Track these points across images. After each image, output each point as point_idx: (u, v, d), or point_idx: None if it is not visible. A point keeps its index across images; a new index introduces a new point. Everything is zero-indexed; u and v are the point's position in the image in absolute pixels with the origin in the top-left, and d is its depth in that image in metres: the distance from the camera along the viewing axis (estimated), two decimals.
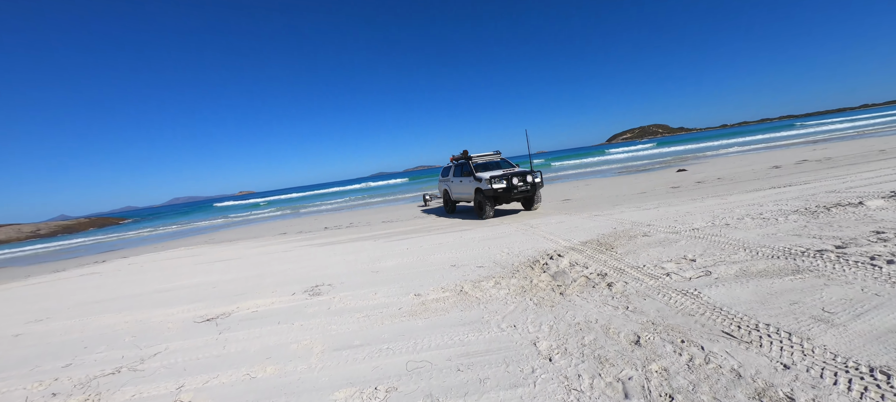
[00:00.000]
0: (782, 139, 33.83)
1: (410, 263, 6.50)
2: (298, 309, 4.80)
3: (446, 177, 13.36)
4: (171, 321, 5.04)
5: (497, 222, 9.94)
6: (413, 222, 12.63)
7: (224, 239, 15.58)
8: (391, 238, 9.57)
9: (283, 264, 7.92)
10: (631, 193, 12.00)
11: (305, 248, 9.91)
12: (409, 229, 10.79)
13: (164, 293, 6.76)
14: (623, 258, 5.06)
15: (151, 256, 13.09)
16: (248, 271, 7.72)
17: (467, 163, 11.82)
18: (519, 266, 5.40)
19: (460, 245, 7.41)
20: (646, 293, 3.80)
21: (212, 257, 10.77)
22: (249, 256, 9.89)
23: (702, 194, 9.67)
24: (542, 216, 9.75)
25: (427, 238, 8.79)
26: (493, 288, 4.61)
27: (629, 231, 6.59)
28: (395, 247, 8.18)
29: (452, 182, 12.69)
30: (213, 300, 5.77)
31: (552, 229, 7.84)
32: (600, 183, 17.48)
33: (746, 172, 13.51)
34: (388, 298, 4.77)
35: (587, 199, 12.25)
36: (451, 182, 12.84)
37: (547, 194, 15.40)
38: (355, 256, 7.81)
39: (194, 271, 8.76)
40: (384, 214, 17.15)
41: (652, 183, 14.24)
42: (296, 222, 19.63)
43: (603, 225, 7.45)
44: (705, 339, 2.81)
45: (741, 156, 21.83)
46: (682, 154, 33.10)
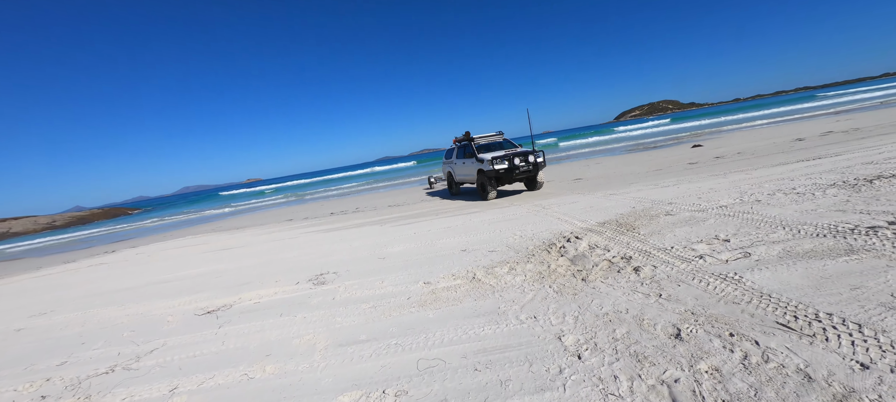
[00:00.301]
0: (800, 112, 32.55)
1: (418, 248, 6.19)
2: (302, 300, 4.54)
3: (450, 159, 13.31)
4: (172, 314, 4.82)
5: (506, 203, 9.56)
6: (420, 205, 12.30)
7: (231, 227, 15.47)
8: (398, 223, 9.27)
9: (288, 252, 7.68)
10: (646, 171, 11.48)
11: (311, 234, 9.67)
12: (415, 213, 10.47)
13: (167, 284, 6.57)
14: (647, 239, 4.68)
15: (160, 245, 13.02)
16: (253, 260, 7.50)
17: (470, 144, 11.71)
18: (534, 250, 5.05)
19: (470, 229, 7.07)
20: (679, 278, 3.43)
21: (218, 245, 10.60)
22: (255, 244, 9.69)
23: (723, 170, 9.15)
24: (554, 197, 9.34)
25: (435, 222, 8.47)
26: (508, 274, 4.28)
27: (650, 210, 6.17)
28: (402, 232, 7.88)
29: (456, 164, 12.62)
30: (216, 291, 5.55)
31: (566, 209, 7.45)
32: (611, 161, 16.91)
33: (767, 145, 12.85)
34: (396, 286, 4.47)
35: (599, 178, 11.77)
36: (454, 164, 12.78)
37: (557, 174, 14.92)
38: (361, 242, 7.53)
39: (200, 260, 8.58)
40: (390, 198, 16.85)
41: (667, 160, 13.66)
42: (302, 208, 19.46)
43: (620, 204, 7.03)
44: (758, 331, 2.45)
45: (759, 129, 20.96)
46: (695, 130, 32.07)
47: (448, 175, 13.60)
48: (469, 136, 12.07)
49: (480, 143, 11.90)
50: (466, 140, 12.08)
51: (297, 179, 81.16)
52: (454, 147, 13.01)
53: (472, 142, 11.80)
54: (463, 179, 12.37)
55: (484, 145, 11.81)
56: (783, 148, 11.43)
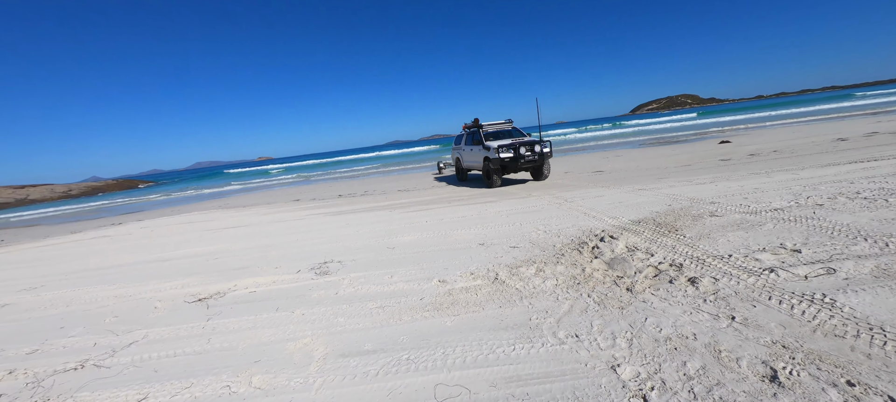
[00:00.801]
0: (832, 111, 30.92)
1: (431, 239, 5.65)
2: (302, 292, 4.05)
3: (459, 145, 13.18)
4: (161, 299, 4.38)
5: (523, 193, 8.94)
6: (430, 191, 11.74)
7: (238, 205, 15.14)
8: (408, 209, 8.73)
9: (292, 235, 7.22)
10: (674, 166, 10.71)
11: (317, 217, 9.20)
12: (426, 200, 9.92)
13: (164, 263, 6.17)
14: (696, 244, 4.06)
15: (165, 220, 12.72)
16: (254, 241, 7.06)
17: (478, 131, 11.57)
18: (563, 249, 4.47)
19: (486, 220, 6.50)
20: (751, 296, 2.83)
21: (222, 223, 10.22)
22: (259, 223, 9.27)
23: (763, 168, 8.37)
24: (575, 189, 8.68)
25: (447, 210, 7.90)
26: (536, 276, 3.72)
27: (690, 210, 5.51)
28: (413, 219, 7.34)
29: (464, 150, 12.48)
30: (212, 275, 5.10)
31: (591, 204, 6.81)
32: (632, 154, 16.07)
33: (806, 144, 11.92)
34: (407, 283, 3.94)
35: (623, 171, 11.04)
36: (462, 150, 12.63)
37: (575, 165, 14.18)
38: (369, 228, 7.02)
39: (201, 238, 8.19)
40: (399, 182, 16.31)
41: (694, 155, 12.82)
42: (310, 188, 19.06)
43: (653, 201, 6.37)
44: (886, 381, 1.86)
45: (790, 127, 19.78)
46: (719, 125, 30.71)
47: (456, 161, 13.45)
48: (478, 123, 11.89)
49: (489, 130, 11.72)
50: (475, 127, 11.88)
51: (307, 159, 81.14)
52: (463, 134, 12.83)
53: (480, 129, 11.61)
54: (470, 166, 12.20)
55: (492, 133, 11.62)
56: (826, 148, 10.53)
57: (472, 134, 11.98)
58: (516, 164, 10.12)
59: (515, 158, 10.03)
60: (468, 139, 12.25)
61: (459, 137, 13.33)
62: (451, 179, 15.23)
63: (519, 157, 10.05)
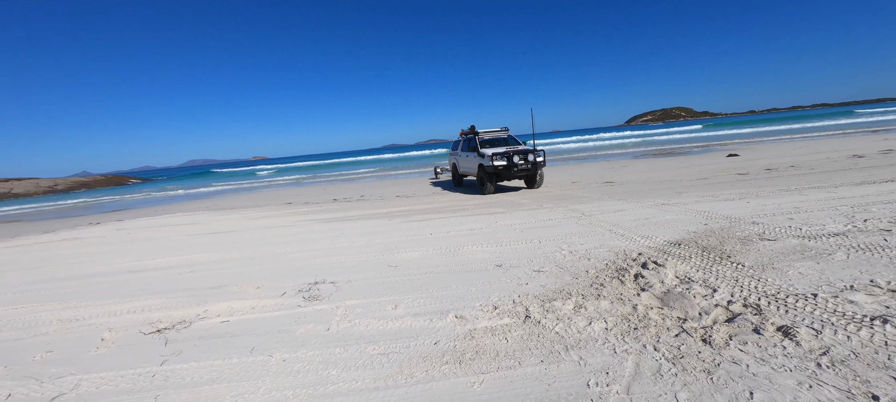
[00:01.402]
0: (833, 128, 30.92)
1: (439, 256, 4.90)
2: (286, 324, 3.27)
3: (455, 151, 13.27)
4: (112, 326, 3.57)
5: (535, 205, 8.24)
6: (431, 198, 11.00)
7: (226, 206, 14.24)
8: (409, 218, 7.97)
9: (280, 244, 6.42)
10: (689, 179, 10.10)
11: (310, 224, 8.40)
12: (428, 208, 9.17)
13: (131, 275, 5.33)
14: (762, 277, 3.37)
15: (146, 221, 11.80)
16: (237, 251, 6.25)
17: (474, 138, 11.71)
18: (599, 276, 3.75)
19: (498, 235, 5.77)
20: (880, 361, 2.13)
21: (206, 227, 9.36)
22: (246, 229, 8.43)
23: (791, 185, 7.77)
24: (591, 201, 8.00)
25: (453, 221, 7.17)
26: (576, 314, 2.99)
27: (732, 231, 4.85)
28: (416, 230, 6.59)
29: (460, 156, 12.53)
30: (181, 294, 4.29)
31: (614, 219, 6.12)
32: (639, 165, 15.50)
33: (820, 160, 11.43)
34: (416, 318, 3.19)
35: (635, 183, 10.41)
36: (459, 156, 12.70)
37: (582, 175, 13.55)
38: (367, 239, 6.25)
39: (181, 245, 7.34)
40: (397, 187, 15.55)
41: (707, 168, 12.26)
42: (304, 191, 18.21)
43: (684, 219, 5.70)
44: None
45: (795, 143, 19.42)
46: (715, 139, 30.49)
47: (453, 166, 13.47)
48: (474, 129, 12.01)
49: (485, 138, 11.84)
50: (471, 134, 11.98)
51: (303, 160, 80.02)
52: (460, 140, 12.89)
53: (476, 136, 11.71)
54: (466, 172, 12.22)
55: (488, 140, 11.72)
56: (845, 165, 10.01)
57: (469, 140, 12.00)
58: (509, 172, 10.15)
59: (509, 166, 10.08)
60: (464, 145, 12.26)
61: (456, 143, 13.33)
62: (448, 185, 14.54)
63: (512, 165, 10.10)
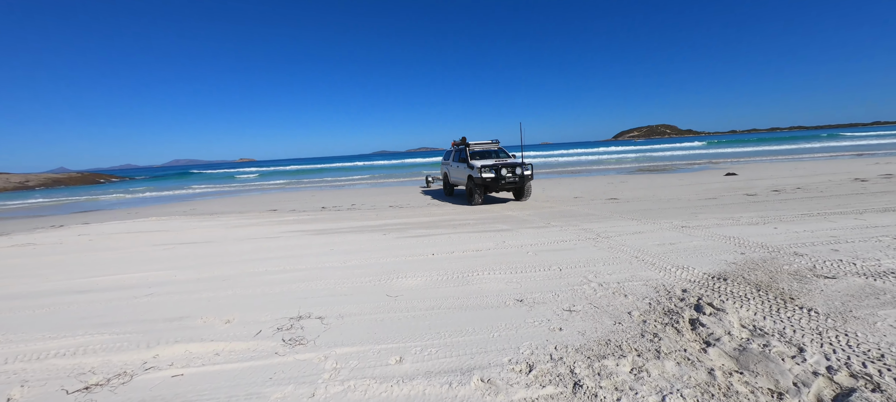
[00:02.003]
0: (821, 150, 31.58)
1: (445, 285, 4.18)
2: (257, 385, 2.49)
3: (447, 161, 13.42)
4: (26, 381, 2.73)
5: (541, 222, 7.61)
6: (427, 210, 10.27)
7: (207, 211, 13.20)
8: (406, 232, 7.22)
9: (260, 261, 5.58)
10: (696, 198, 9.65)
11: (296, 235, 7.56)
12: (426, 221, 8.44)
13: (77, 297, 4.43)
14: (851, 331, 2.76)
15: (114, 227, 10.71)
16: (211, 268, 5.39)
17: (464, 150, 11.90)
18: (646, 321, 3.09)
19: (509, 257, 5.09)
20: None
21: (180, 235, 8.41)
22: (224, 240, 7.54)
23: (810, 208, 7.34)
24: (601, 220, 7.41)
25: (455, 239, 6.46)
26: (638, 381, 2.31)
27: (778, 263, 4.28)
28: (415, 249, 5.85)
29: (451, 167, 12.74)
30: (131, 329, 3.45)
31: (635, 243, 5.51)
32: (638, 181, 15.11)
33: (823, 182, 11.18)
34: (430, 381, 2.45)
35: (641, 201, 9.90)
36: (450, 166, 12.91)
37: (583, 189, 13.04)
38: (361, 258, 5.47)
39: (146, 257, 6.42)
40: (390, 196, 14.77)
41: (709, 187, 11.89)
42: (291, 196, 17.23)
43: (713, 246, 5.13)
44: None
45: (789, 164, 19.44)
46: (706, 157, 30.75)
47: (444, 176, 13.67)
48: (465, 141, 12.20)
49: (475, 149, 12.02)
50: (462, 145, 12.17)
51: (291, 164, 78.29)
52: (452, 151, 13.06)
53: (467, 147, 11.89)
54: (457, 182, 12.43)
55: (478, 152, 11.88)
56: (852, 188, 9.73)
57: (460, 152, 12.22)
58: (498, 184, 10.31)
59: (497, 178, 10.25)
60: (456, 156, 12.46)
61: (448, 153, 13.46)
62: (440, 194, 13.88)
63: (500, 177, 10.26)
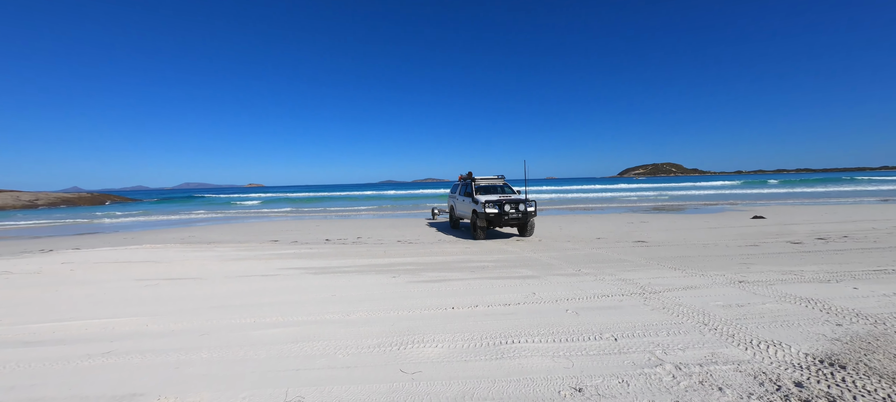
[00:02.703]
0: (841, 195, 30.65)
1: (474, 355, 3.28)
2: None
3: (454, 194, 13.59)
4: None
5: (571, 267, 6.71)
6: (439, 247, 9.40)
7: (204, 239, 12.43)
8: (419, 275, 6.34)
9: (250, 309, 4.71)
10: (734, 244, 8.72)
11: (295, 274, 6.70)
12: (439, 262, 7.56)
13: (10, 353, 3.57)
14: None
15: (102, 254, 9.94)
16: (190, 317, 4.53)
17: (470, 184, 12.00)
18: None
19: (547, 317, 4.18)
20: None
21: (168, 269, 7.59)
22: (214, 277, 6.69)
23: (878, 262, 6.39)
24: (639, 269, 6.51)
25: (477, 288, 5.56)
26: None
27: (894, 340, 3.34)
28: (432, 299, 4.96)
29: (458, 200, 12.91)
30: None
31: (693, 303, 4.59)
32: (660, 221, 14.18)
33: (866, 230, 10.22)
34: None
35: (672, 244, 8.99)
36: (456, 200, 13.10)
37: (603, 230, 12.15)
38: (368, 310, 4.59)
39: (124, 296, 5.59)
40: (397, 229, 13.96)
41: (742, 231, 10.95)
42: (294, 225, 16.48)
43: (800, 313, 4.20)
44: None
45: (814, 208, 18.45)
46: (718, 197, 29.90)
47: (451, 209, 13.81)
48: (471, 176, 12.28)
49: (481, 184, 12.14)
50: (469, 180, 12.26)
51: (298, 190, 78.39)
52: (458, 184, 13.27)
53: (473, 182, 11.98)
54: (462, 215, 12.56)
55: (484, 187, 12.02)
56: None
57: (466, 186, 12.31)
58: (501, 219, 10.35)
59: (500, 213, 10.34)
60: (462, 190, 12.58)
61: (455, 186, 13.65)
62: (449, 228, 13.07)
63: (503, 213, 10.35)
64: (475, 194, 11.29)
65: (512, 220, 10.39)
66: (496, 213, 10.28)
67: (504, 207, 10.33)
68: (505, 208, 10.33)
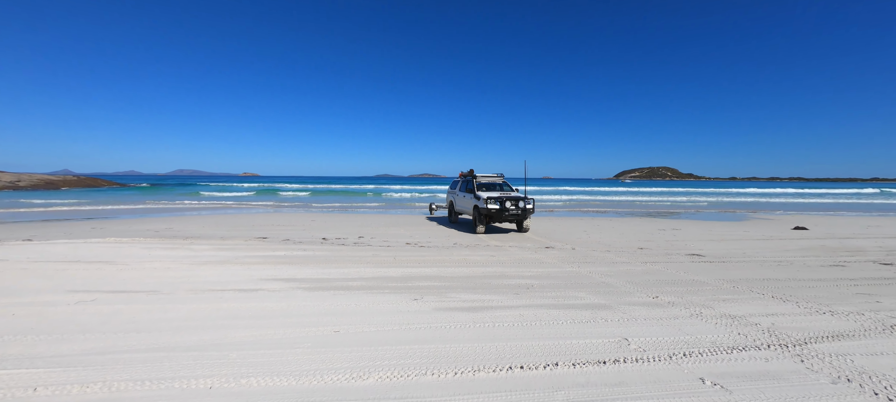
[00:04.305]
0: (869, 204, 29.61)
1: None
2: None
3: (454, 190, 13.67)
4: None
5: (645, 294, 5.11)
6: (458, 254, 7.74)
7: (183, 232, 10.62)
8: (446, 299, 4.68)
9: (204, 363, 3.03)
10: (818, 265, 7.20)
11: (283, 290, 4.99)
12: (466, 276, 5.91)
13: None
14: None
15: (55, 249, 8.12)
16: (111, 368, 2.84)
17: (471, 181, 12.23)
18: None
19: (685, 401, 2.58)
20: None
21: (123, 274, 5.84)
22: (176, 289, 4.97)
23: None
24: (736, 300, 4.93)
25: (534, 323, 3.93)
26: None
27: None
28: (482, 344, 3.31)
29: (458, 196, 13.09)
30: None
31: (867, 367, 3.02)
32: (694, 230, 12.65)
33: None
34: None
35: (739, 262, 7.45)
36: (456, 195, 13.23)
37: (643, 238, 10.60)
38: (391, 367, 2.93)
39: (40, 316, 3.85)
40: (401, 227, 12.29)
41: (802, 244, 9.44)
42: (287, 219, 14.69)
43: None
44: None
45: (849, 218, 17.10)
46: (732, 205, 28.70)
47: (450, 204, 13.92)
48: (473, 173, 12.50)
49: (481, 181, 12.43)
50: (470, 177, 12.48)
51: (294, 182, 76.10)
52: (459, 181, 13.36)
53: (474, 179, 12.22)
54: (462, 210, 12.82)
55: (484, 184, 12.33)
56: None
57: (467, 182, 12.48)
58: (501, 215, 10.71)
59: (501, 209, 10.64)
60: (463, 186, 12.74)
61: (455, 183, 13.73)
62: (458, 227, 11.46)
63: (504, 209, 10.66)
64: (477, 191, 11.53)
65: (511, 216, 10.77)
66: (497, 209, 10.60)
67: (505, 203, 10.64)
68: (506, 204, 10.63)
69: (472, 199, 11.50)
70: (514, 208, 10.69)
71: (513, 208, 10.68)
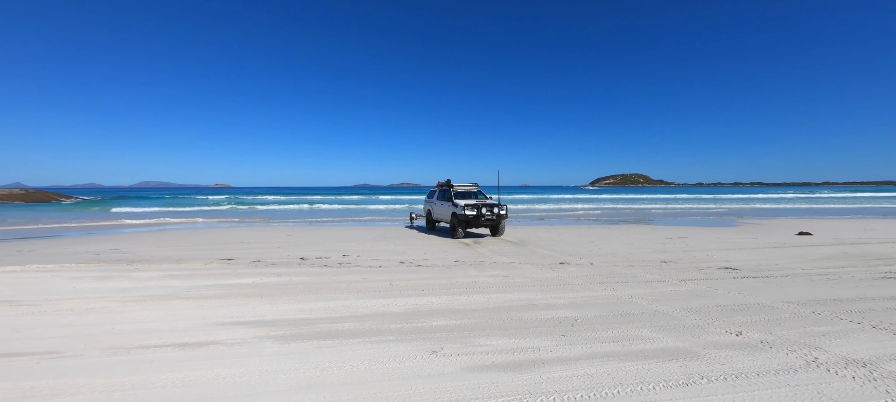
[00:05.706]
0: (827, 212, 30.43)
1: None
2: None
3: (431, 199, 14.04)
4: None
5: (721, 329, 4.02)
6: (462, 274, 6.46)
7: (130, 254, 8.77)
8: (475, 349, 3.39)
9: None
10: (861, 277, 6.41)
11: (249, 334, 3.54)
12: (482, 307, 4.64)
13: None
14: None
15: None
16: None
17: (449, 190, 12.74)
18: None
19: None
20: None
21: (20, 321, 4.19)
22: (91, 347, 3.41)
23: None
24: (823, 333, 3.92)
25: (608, 390, 2.72)
26: None
27: None
28: None
29: (435, 204, 13.50)
30: None
31: None
32: (703, 237, 11.94)
33: None
34: None
35: (778, 276, 6.57)
36: (434, 204, 13.64)
37: (657, 249, 9.68)
38: None
39: None
40: (389, 241, 10.88)
41: (824, 251, 8.77)
42: (259, 235, 12.92)
43: None
44: None
45: (835, 220, 17.07)
46: (729, 212, 28.92)
47: (428, 213, 14.24)
48: (450, 183, 13.02)
49: (458, 190, 12.91)
50: (447, 186, 12.97)
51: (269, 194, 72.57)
52: (436, 190, 13.85)
53: (451, 188, 12.75)
54: (440, 218, 13.32)
55: (460, 193, 12.81)
56: None
57: (444, 192, 13.04)
58: (478, 221, 11.35)
59: (477, 215, 11.30)
60: (440, 195, 13.29)
61: (432, 192, 14.14)
62: (456, 242, 10.23)
63: (480, 215, 11.34)
64: (454, 199, 12.09)
65: (487, 221, 11.48)
66: (474, 215, 11.32)
67: (481, 210, 11.41)
68: (482, 210, 11.42)
69: (450, 206, 12.14)
70: (489, 213, 11.50)
71: (488, 214, 11.47)
